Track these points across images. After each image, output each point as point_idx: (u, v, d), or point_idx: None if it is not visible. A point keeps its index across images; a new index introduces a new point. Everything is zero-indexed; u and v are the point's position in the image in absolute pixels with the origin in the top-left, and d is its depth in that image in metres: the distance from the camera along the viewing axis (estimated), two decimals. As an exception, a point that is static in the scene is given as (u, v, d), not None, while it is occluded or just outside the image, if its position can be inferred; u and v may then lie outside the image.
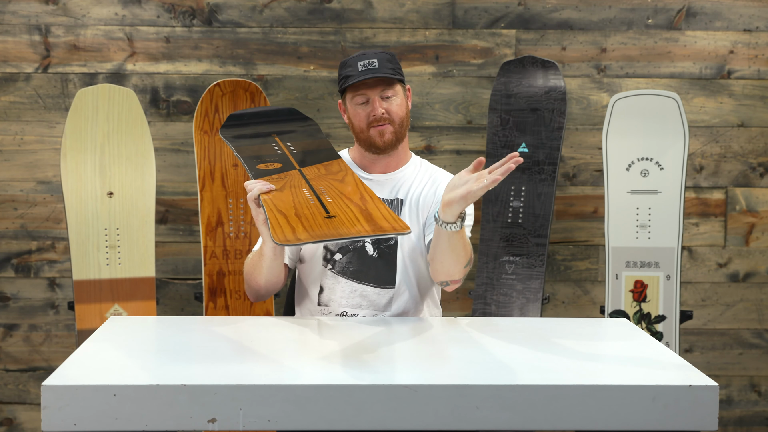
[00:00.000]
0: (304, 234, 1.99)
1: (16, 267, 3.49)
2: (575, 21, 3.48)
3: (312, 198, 2.18)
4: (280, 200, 2.17)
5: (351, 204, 2.14)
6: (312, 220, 2.06)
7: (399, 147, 2.48)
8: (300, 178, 2.27)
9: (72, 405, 1.66)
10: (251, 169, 2.30)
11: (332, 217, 2.09)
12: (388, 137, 2.43)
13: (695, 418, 1.69)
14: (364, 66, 2.41)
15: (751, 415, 3.61)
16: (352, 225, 2.04)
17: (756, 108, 3.52)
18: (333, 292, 2.42)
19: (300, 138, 2.48)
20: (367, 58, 2.42)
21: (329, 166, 2.36)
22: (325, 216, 2.09)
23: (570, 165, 3.52)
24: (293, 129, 2.50)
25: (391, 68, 2.42)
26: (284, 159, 2.36)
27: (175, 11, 3.44)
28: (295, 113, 2.57)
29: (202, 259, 3.22)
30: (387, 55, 2.44)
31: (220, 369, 1.83)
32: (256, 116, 2.54)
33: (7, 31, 3.43)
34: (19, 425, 3.55)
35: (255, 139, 2.44)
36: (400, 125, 2.44)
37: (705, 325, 3.57)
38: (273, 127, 2.50)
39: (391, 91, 2.43)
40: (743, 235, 3.55)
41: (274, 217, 2.07)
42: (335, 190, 2.21)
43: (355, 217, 2.07)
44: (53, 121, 3.45)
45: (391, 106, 2.42)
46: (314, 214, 2.10)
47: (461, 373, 1.82)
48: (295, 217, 2.08)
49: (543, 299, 3.24)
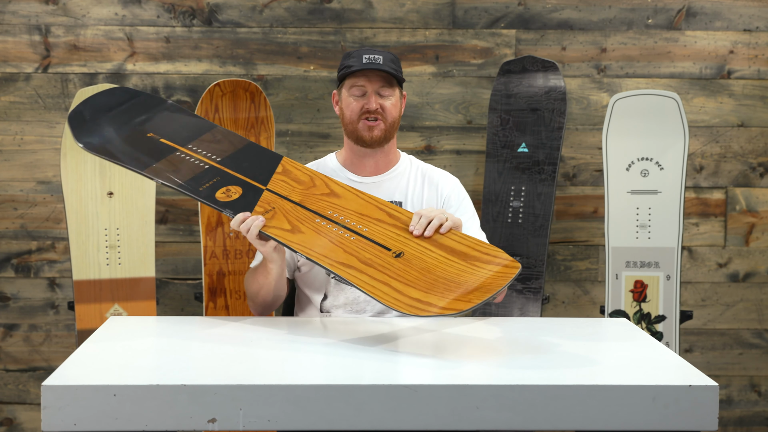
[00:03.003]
0: (442, 301, 1.93)
1: (16, 267, 3.49)
2: (575, 21, 3.48)
3: (341, 230, 2.14)
4: (315, 244, 2.11)
5: (389, 227, 2.13)
6: (390, 267, 2.03)
7: (386, 146, 2.48)
8: (286, 203, 2.24)
9: (72, 405, 1.66)
10: (216, 205, 2.21)
11: (400, 255, 2.07)
12: (377, 134, 2.43)
13: (695, 418, 1.69)
14: (369, 60, 2.42)
15: (751, 415, 3.61)
16: (448, 262, 2.03)
17: (756, 108, 3.52)
18: (336, 299, 2.42)
19: (188, 133, 2.41)
20: (372, 53, 2.44)
21: (291, 174, 2.32)
22: (394, 256, 2.07)
23: (570, 165, 3.52)
24: (166, 121, 2.43)
25: (394, 68, 2.44)
26: (227, 176, 2.29)
27: (175, 11, 3.44)
28: (131, 94, 2.48)
29: (202, 259, 3.22)
30: (391, 56, 2.46)
31: (220, 369, 1.83)
32: (97, 109, 2.41)
33: (7, 31, 3.43)
34: (19, 425, 3.55)
35: (137, 146, 2.33)
36: (391, 125, 2.44)
37: (705, 325, 3.57)
38: (134, 120, 2.41)
39: (389, 90, 2.44)
40: (743, 235, 3.55)
41: (349, 275, 2.02)
42: (346, 211, 2.20)
43: (426, 249, 2.07)
44: (53, 121, 3.45)
45: (386, 104, 2.43)
46: (377, 255, 2.07)
47: (461, 373, 1.82)
48: (364, 265, 2.05)
49: (543, 299, 3.24)
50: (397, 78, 2.44)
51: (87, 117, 2.38)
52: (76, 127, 2.35)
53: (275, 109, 3.43)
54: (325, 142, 3.47)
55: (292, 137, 3.48)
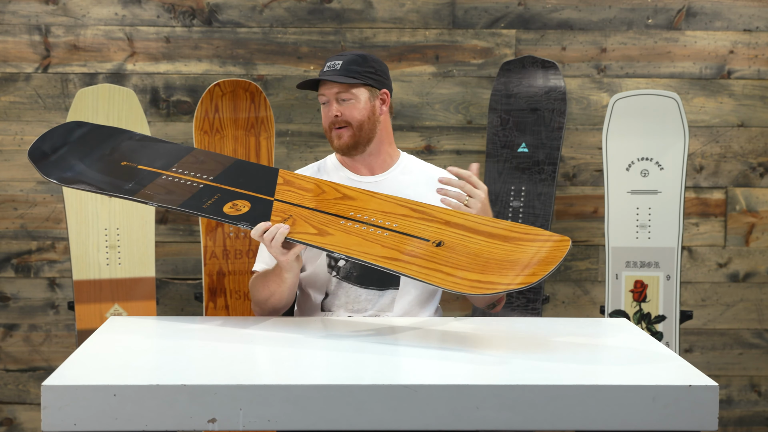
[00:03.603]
0: (503, 278, 1.90)
1: (16, 267, 3.49)
2: (575, 21, 3.48)
3: (371, 228, 2.10)
4: (350, 244, 2.07)
5: (417, 221, 2.10)
6: (435, 255, 1.99)
7: (370, 147, 2.44)
8: (303, 210, 2.18)
9: (72, 405, 1.66)
10: (228, 220, 2.16)
11: (440, 244, 2.03)
12: (345, 140, 2.40)
13: (695, 418, 1.69)
14: (329, 67, 2.39)
15: (751, 415, 3.61)
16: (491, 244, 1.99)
17: (756, 108, 3.52)
18: (338, 298, 2.42)
19: (166, 158, 2.34)
20: (334, 59, 2.40)
21: (294, 184, 2.29)
22: (435, 245, 2.03)
23: (570, 165, 3.52)
24: (135, 150, 2.36)
25: (354, 70, 2.38)
26: (228, 192, 2.24)
27: (175, 11, 3.44)
28: (89, 127, 2.42)
29: (202, 259, 3.22)
30: (357, 57, 2.40)
31: (220, 369, 1.83)
32: (56, 144, 2.32)
33: (7, 31, 3.43)
34: (19, 425, 3.55)
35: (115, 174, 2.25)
36: (359, 129, 2.39)
37: (705, 325, 3.57)
38: (100, 152, 2.33)
39: (347, 94, 2.38)
40: (743, 235, 3.55)
41: (398, 267, 1.98)
42: (367, 211, 2.15)
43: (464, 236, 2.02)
44: (53, 121, 3.45)
45: (346, 109, 2.39)
46: (418, 246, 2.03)
47: (461, 373, 1.82)
48: (409, 257, 2.01)
49: (543, 299, 3.24)
50: (349, 82, 2.37)
51: (48, 152, 2.29)
52: (42, 164, 2.25)
53: (275, 109, 3.43)
54: (325, 142, 3.47)
55: (292, 137, 3.48)
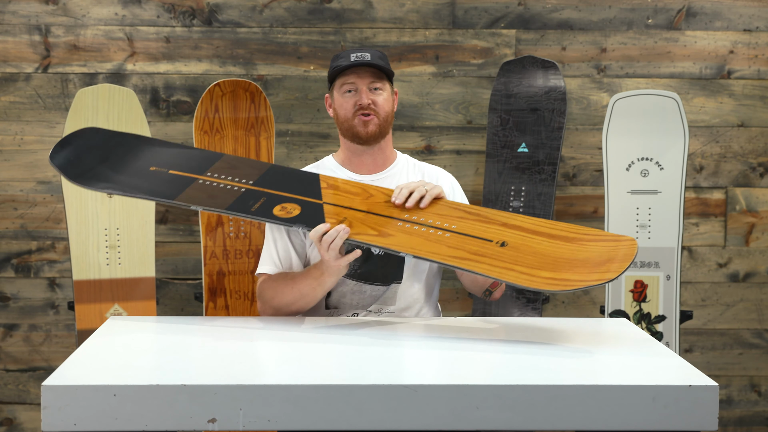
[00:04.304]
0: (577, 275, 1.87)
1: (16, 267, 3.49)
2: (575, 21, 3.48)
3: (431, 229, 2.05)
4: (414, 244, 2.02)
5: (475, 222, 2.05)
6: (502, 255, 1.96)
7: (382, 142, 2.49)
8: (356, 213, 2.15)
9: (72, 405, 1.66)
10: (282, 222, 2.11)
11: (504, 245, 1.99)
12: (372, 128, 2.44)
13: (695, 418, 1.69)
14: (357, 57, 2.44)
15: (751, 415, 3.61)
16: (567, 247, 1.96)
17: (756, 108, 3.52)
18: (342, 295, 2.42)
19: (196, 163, 2.28)
20: (360, 51, 2.46)
21: (340, 188, 2.26)
22: (499, 245, 1.99)
23: (570, 165, 3.52)
24: (162, 155, 2.31)
25: (383, 63, 2.46)
26: (274, 196, 2.20)
27: (175, 11, 3.44)
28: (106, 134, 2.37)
29: (202, 259, 3.22)
30: (379, 53, 2.48)
31: (220, 369, 1.83)
32: (79, 151, 2.27)
33: (7, 31, 3.43)
34: (19, 425, 3.55)
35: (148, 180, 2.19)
36: (384, 119, 2.45)
37: (705, 325, 3.57)
38: (125, 158, 2.27)
39: (380, 84, 2.45)
40: (743, 235, 3.55)
41: (470, 265, 1.95)
42: (422, 213, 2.11)
43: (527, 236, 1.98)
44: (53, 121, 3.45)
45: (378, 99, 2.44)
46: (483, 246, 1.99)
47: (461, 373, 1.82)
48: (477, 256, 1.97)
49: (543, 299, 3.24)
50: (386, 73, 2.45)
51: (73, 160, 2.25)
52: (71, 173, 2.21)
53: (275, 109, 3.43)
54: (325, 142, 3.47)
55: (292, 137, 3.48)
